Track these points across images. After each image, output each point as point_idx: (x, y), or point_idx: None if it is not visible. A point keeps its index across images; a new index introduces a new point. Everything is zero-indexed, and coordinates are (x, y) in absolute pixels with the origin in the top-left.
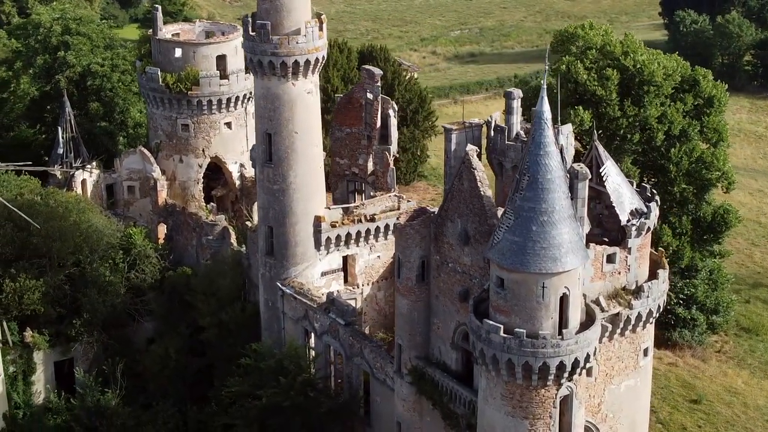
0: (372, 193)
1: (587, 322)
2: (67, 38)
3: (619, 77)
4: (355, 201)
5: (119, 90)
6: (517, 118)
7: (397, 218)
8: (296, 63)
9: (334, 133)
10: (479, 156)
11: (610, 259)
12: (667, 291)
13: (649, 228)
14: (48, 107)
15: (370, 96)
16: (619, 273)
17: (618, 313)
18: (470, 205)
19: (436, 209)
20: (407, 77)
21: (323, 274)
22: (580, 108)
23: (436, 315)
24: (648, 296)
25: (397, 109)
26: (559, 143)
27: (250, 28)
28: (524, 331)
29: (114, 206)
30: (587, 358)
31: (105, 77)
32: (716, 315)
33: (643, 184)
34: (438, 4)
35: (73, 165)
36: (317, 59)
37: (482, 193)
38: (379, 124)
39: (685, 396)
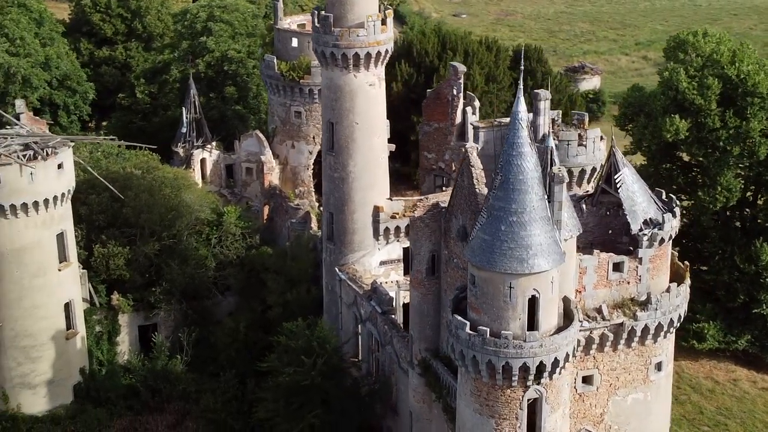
0: (443, 189)
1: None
2: (211, 24)
3: (721, 87)
4: None
5: (254, 76)
6: (544, 119)
7: (413, 211)
8: (357, 55)
9: (422, 128)
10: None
11: (617, 267)
12: (684, 305)
13: (663, 239)
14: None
15: (455, 92)
16: (628, 283)
17: (621, 323)
18: (468, 202)
19: None
20: (557, 79)
21: (382, 263)
22: (677, 117)
23: (444, 309)
24: (656, 309)
25: (477, 107)
26: (549, 145)
27: (315, 20)
28: (488, 329)
29: (233, 186)
30: (555, 363)
31: (241, 63)
32: None
33: (670, 195)
34: (663, 8)
35: (194, 144)
36: (379, 53)
37: (477, 190)
38: (458, 120)
39: None
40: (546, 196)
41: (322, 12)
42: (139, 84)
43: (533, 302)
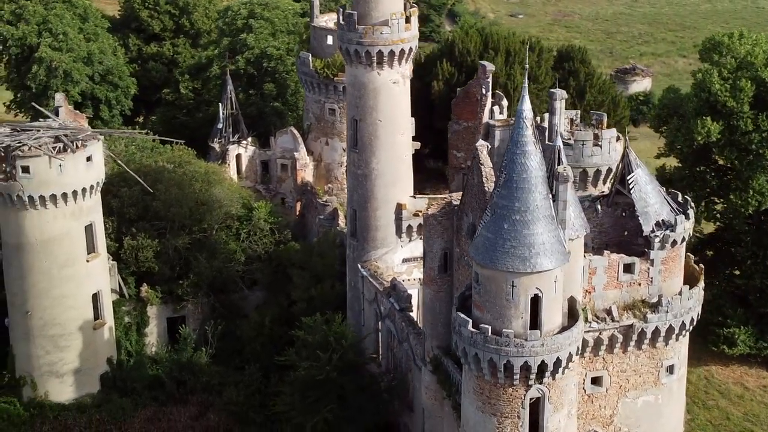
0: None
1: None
2: (251, 22)
3: (754, 89)
4: None
5: (293, 73)
6: (560, 119)
7: (428, 209)
8: (380, 53)
9: (452, 127)
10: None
11: (628, 268)
12: (697, 308)
13: (675, 241)
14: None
15: (483, 90)
16: (639, 284)
17: (631, 324)
18: (478, 200)
19: None
20: (601, 80)
21: (404, 260)
22: (708, 119)
23: None
24: (668, 311)
25: (505, 106)
26: (556, 144)
27: (340, 17)
28: (489, 327)
29: (268, 181)
30: (558, 363)
31: (279, 60)
32: None
33: (686, 196)
34: (725, 10)
35: (230, 140)
36: (403, 50)
37: (486, 189)
38: (486, 119)
39: None
40: (551, 195)
41: (347, 10)
42: (183, 80)
43: (536, 301)
